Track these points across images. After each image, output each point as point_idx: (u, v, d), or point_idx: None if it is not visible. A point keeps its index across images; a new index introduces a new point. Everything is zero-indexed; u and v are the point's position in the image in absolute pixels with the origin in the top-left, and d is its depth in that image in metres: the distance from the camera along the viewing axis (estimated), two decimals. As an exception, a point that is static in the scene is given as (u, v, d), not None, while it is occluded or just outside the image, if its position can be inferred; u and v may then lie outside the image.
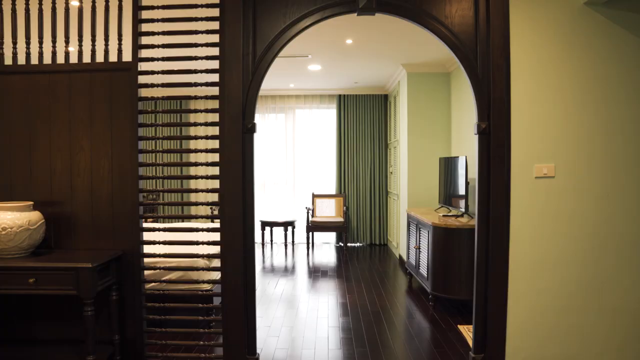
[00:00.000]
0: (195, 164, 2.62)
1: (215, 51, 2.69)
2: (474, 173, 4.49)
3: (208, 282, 2.66)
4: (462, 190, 4.24)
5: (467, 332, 3.51)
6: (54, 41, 2.63)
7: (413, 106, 5.67)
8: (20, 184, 2.69)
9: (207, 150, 2.67)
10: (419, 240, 4.59)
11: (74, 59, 2.84)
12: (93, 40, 2.62)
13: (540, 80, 2.68)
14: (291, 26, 2.64)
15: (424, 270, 4.40)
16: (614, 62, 2.66)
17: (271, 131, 7.58)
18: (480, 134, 2.69)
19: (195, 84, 2.62)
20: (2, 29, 2.64)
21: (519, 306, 2.69)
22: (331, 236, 7.74)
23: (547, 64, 2.68)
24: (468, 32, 2.68)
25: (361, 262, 6.19)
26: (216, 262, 3.75)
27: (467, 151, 4.93)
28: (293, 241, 7.27)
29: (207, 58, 2.58)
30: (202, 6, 2.61)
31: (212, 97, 2.61)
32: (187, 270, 3.43)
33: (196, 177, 2.65)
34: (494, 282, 2.69)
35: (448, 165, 4.71)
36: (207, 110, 2.66)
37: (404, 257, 5.80)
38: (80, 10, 2.63)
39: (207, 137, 2.64)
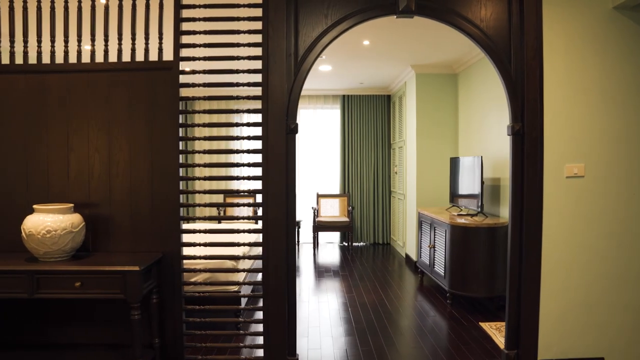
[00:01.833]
0: (237, 165, 2.61)
1: (257, 51, 2.68)
2: (488, 173, 4.60)
3: (249, 283, 2.66)
4: (477, 190, 4.32)
5: (490, 329, 3.59)
6: (92, 39, 2.59)
7: (422, 107, 5.74)
8: (56, 184, 2.64)
9: (247, 151, 2.66)
10: (434, 239, 4.66)
11: (113, 58, 2.79)
12: (133, 39, 2.58)
13: (571, 82, 2.77)
14: (333, 27, 2.66)
15: (439, 268, 4.47)
16: (642, 65, 2.77)
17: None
18: (514, 135, 2.76)
19: (238, 84, 2.62)
20: (40, 28, 2.58)
21: (551, 302, 2.77)
22: (335, 236, 7.77)
23: (577, 66, 2.77)
24: (502, 35, 2.75)
25: (369, 261, 6.24)
26: (242, 264, 3.74)
27: (475, 151, 5.03)
28: (298, 241, 7.27)
29: (250, 58, 2.58)
30: (244, 6, 2.60)
31: (255, 98, 2.60)
32: (214, 272, 3.41)
33: (238, 178, 2.64)
34: (527, 279, 2.75)
35: (461, 165, 4.79)
36: (248, 111, 2.66)
37: (412, 256, 5.87)
38: (120, 8, 2.60)
39: (249, 138, 2.64)
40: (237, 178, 2.65)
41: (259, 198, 6.46)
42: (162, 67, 2.60)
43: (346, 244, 7.43)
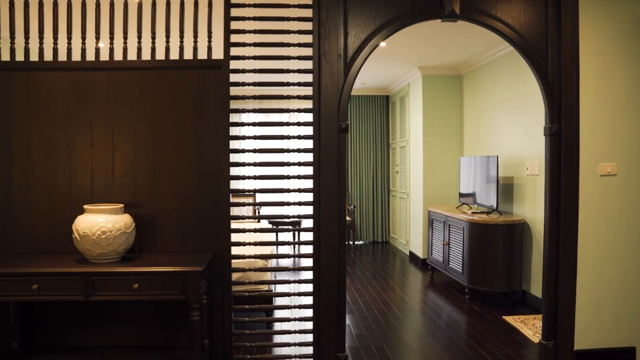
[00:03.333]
0: (288, 164, 2.61)
1: (307, 51, 2.68)
2: (502, 172, 4.74)
3: (302, 282, 2.67)
4: (492, 188, 4.44)
5: (515, 322, 3.71)
6: (139, 37, 2.53)
7: (428, 107, 5.85)
8: (101, 184, 2.57)
9: (298, 150, 2.67)
10: (449, 237, 4.76)
11: (160, 56, 2.74)
12: (181, 37, 2.52)
13: (604, 85, 2.90)
14: (381, 29, 2.69)
15: (456, 265, 4.58)
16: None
17: (274, 130, 7.53)
18: (551, 136, 2.87)
19: (288, 84, 2.62)
20: (84, 24, 2.50)
21: (586, 295, 2.90)
22: (334, 235, 7.80)
23: (609, 70, 2.90)
24: (539, 40, 2.84)
25: (374, 259, 6.31)
26: (270, 262, 3.72)
27: (482, 151, 5.17)
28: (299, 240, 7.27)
29: (300, 58, 2.59)
30: (294, 6, 2.61)
31: (305, 98, 2.61)
32: (245, 271, 3.39)
33: (289, 177, 2.65)
34: (564, 274, 2.86)
35: (472, 164, 4.92)
36: (299, 110, 2.66)
37: (418, 253, 5.98)
38: (168, 6, 2.55)
39: (300, 137, 2.64)
40: (288, 177, 2.65)
41: (260, 197, 6.41)
42: (212, 66, 2.57)
43: (347, 243, 7.48)
